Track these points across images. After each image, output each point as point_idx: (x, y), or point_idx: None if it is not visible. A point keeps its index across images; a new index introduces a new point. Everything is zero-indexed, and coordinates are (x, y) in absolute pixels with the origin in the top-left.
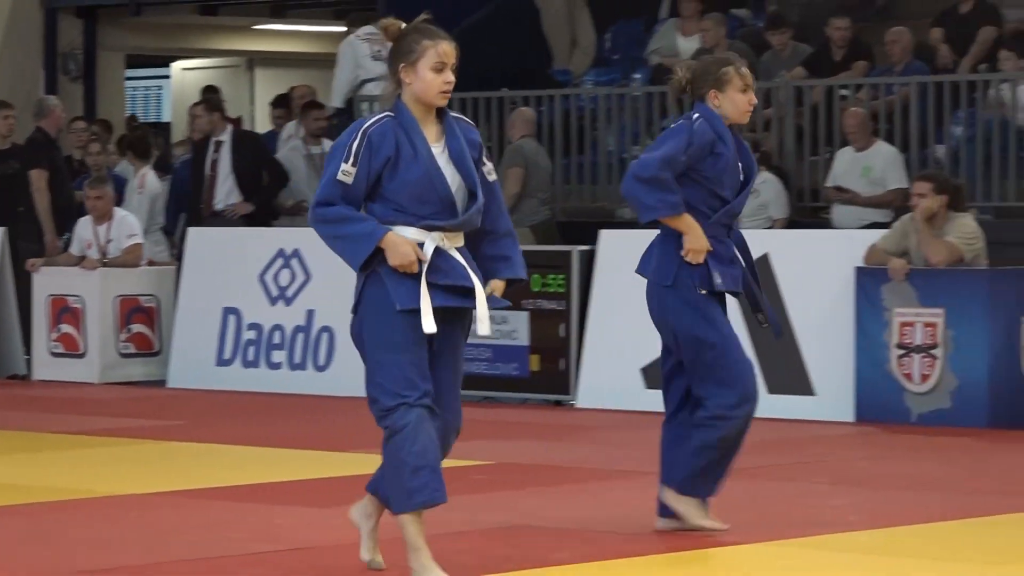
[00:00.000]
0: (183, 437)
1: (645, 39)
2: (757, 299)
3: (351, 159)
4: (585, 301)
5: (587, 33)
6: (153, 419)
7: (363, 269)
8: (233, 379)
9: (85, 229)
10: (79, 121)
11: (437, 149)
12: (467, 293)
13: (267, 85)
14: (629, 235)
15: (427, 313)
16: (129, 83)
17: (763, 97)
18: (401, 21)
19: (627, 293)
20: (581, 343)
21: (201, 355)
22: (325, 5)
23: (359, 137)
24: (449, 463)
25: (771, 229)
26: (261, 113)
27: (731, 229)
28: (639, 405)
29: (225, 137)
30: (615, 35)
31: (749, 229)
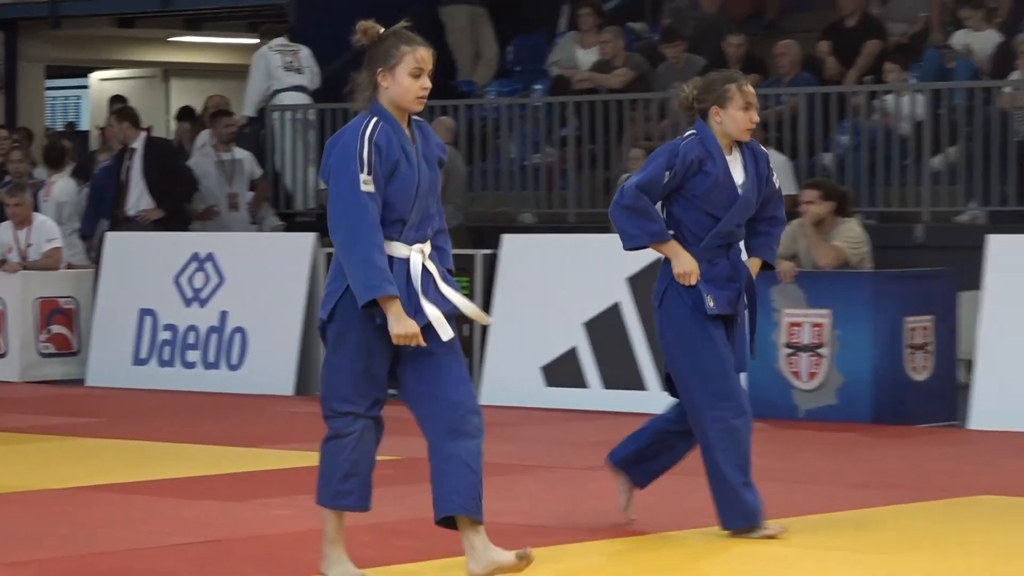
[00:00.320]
0: (101, 434)
1: (545, 52)
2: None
3: (366, 168)
4: (488, 302)
5: (490, 46)
6: (72, 417)
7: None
8: (149, 378)
9: (5, 234)
10: (1, 130)
11: (415, 151)
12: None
13: (182, 95)
14: (531, 239)
15: (441, 322)
16: (49, 93)
17: (658, 107)
18: (380, 25)
19: (529, 295)
20: (484, 343)
21: (118, 355)
22: (238, 18)
23: (366, 145)
24: None
25: None
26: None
27: (730, 247)
28: (540, 402)
29: (137, 145)
30: (517, 48)
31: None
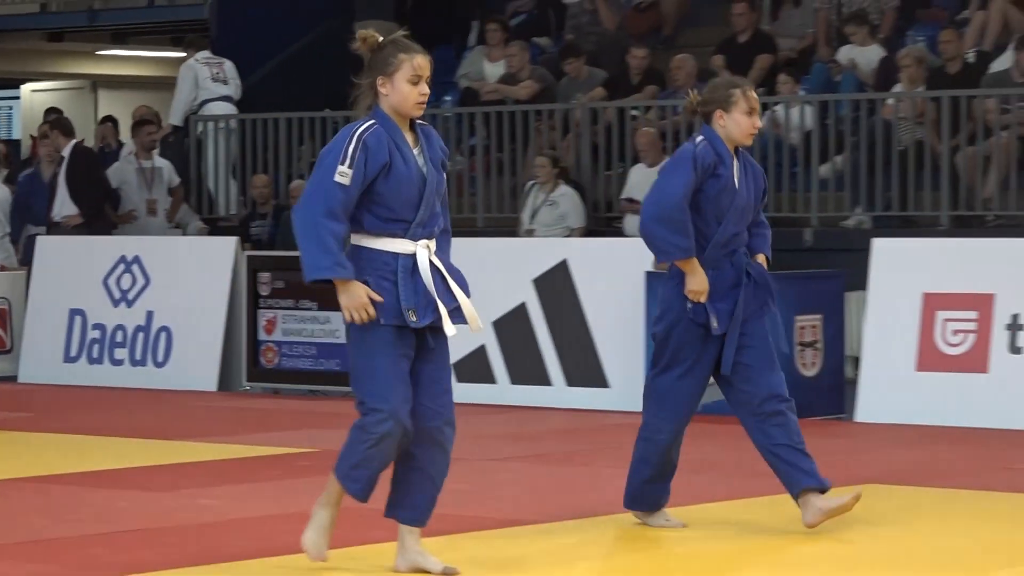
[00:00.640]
0: (31, 428)
1: (455, 64)
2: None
3: (347, 161)
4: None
5: None
6: (4, 411)
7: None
8: (79, 375)
9: None
10: None
11: (416, 153)
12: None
13: (109, 105)
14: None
15: (447, 322)
16: None
17: (562, 117)
18: (378, 34)
19: None
20: None
21: (50, 353)
22: (162, 32)
23: (354, 141)
24: (277, 451)
25: (570, 237)
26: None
27: (734, 253)
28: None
29: (65, 153)
30: None
31: (548, 238)
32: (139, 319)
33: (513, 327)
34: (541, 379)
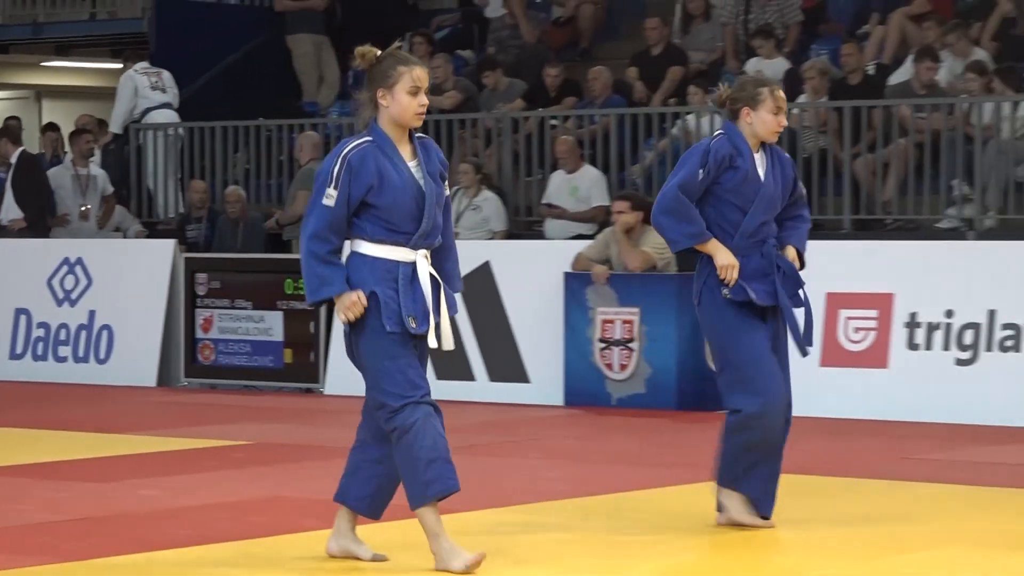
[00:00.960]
0: None
1: None
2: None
3: (333, 182)
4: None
5: (332, 71)
6: None
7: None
8: (24, 371)
9: None
10: None
11: (413, 167)
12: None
13: (53, 114)
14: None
15: (443, 332)
16: None
17: (484, 126)
18: (376, 49)
19: None
20: (328, 338)
21: None
22: (103, 44)
23: (339, 163)
24: (214, 443)
25: (492, 240)
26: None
27: (763, 243)
28: None
29: (13, 160)
30: (357, 72)
31: (472, 240)
32: (82, 318)
33: None
34: (465, 374)
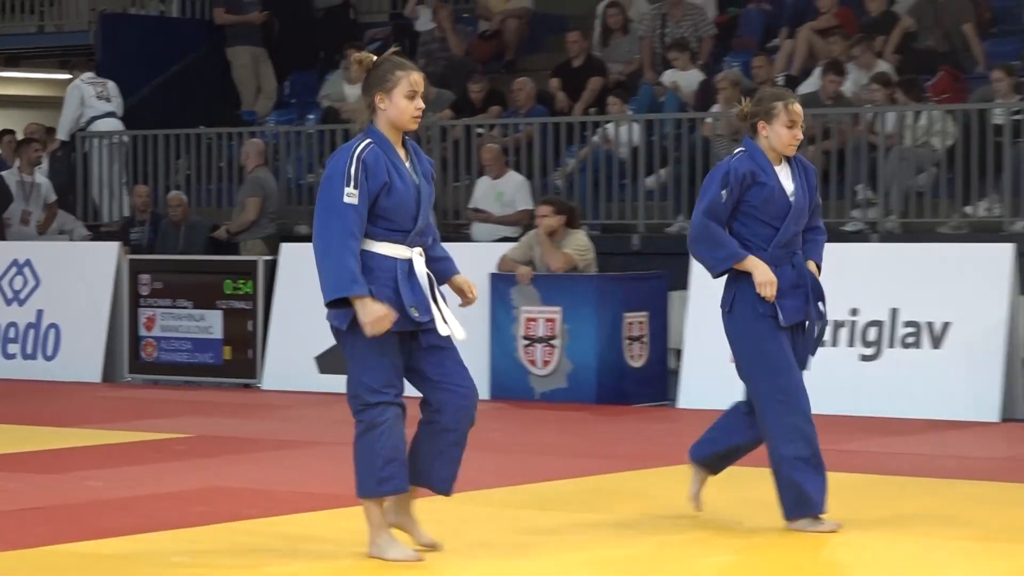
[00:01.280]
0: None
1: (317, 86)
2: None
3: (351, 182)
4: (269, 301)
5: (270, 81)
6: None
7: (330, 305)
8: None
9: None
10: None
11: (408, 168)
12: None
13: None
14: (305, 247)
15: (444, 320)
16: None
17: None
18: (372, 54)
19: (304, 295)
20: (266, 336)
21: None
22: (51, 56)
23: (354, 162)
24: (156, 436)
25: None
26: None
27: (793, 255)
28: (313, 387)
29: None
30: (293, 83)
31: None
32: (30, 317)
33: None
34: None
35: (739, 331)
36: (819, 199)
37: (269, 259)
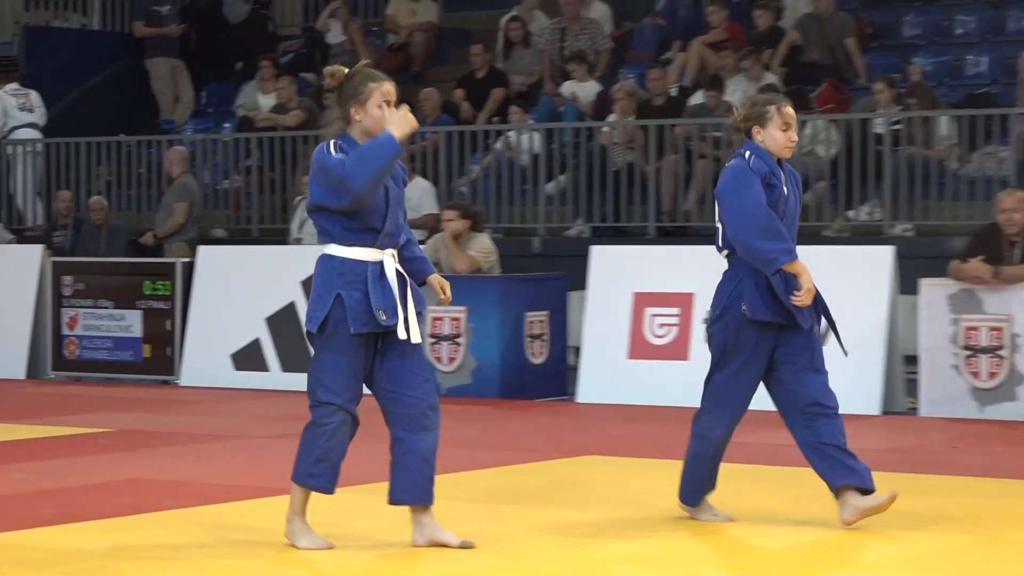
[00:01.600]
0: None
1: (233, 96)
2: (831, 323)
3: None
4: (187, 301)
5: (187, 91)
6: None
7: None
8: None
9: None
10: None
11: None
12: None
13: None
14: (221, 250)
15: (408, 324)
16: None
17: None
18: (344, 67)
19: (220, 295)
20: (183, 335)
21: None
22: None
23: (333, 152)
24: (79, 430)
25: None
26: None
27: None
28: (229, 384)
29: None
30: (209, 93)
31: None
32: None
33: (284, 322)
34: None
35: (724, 334)
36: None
37: (187, 261)
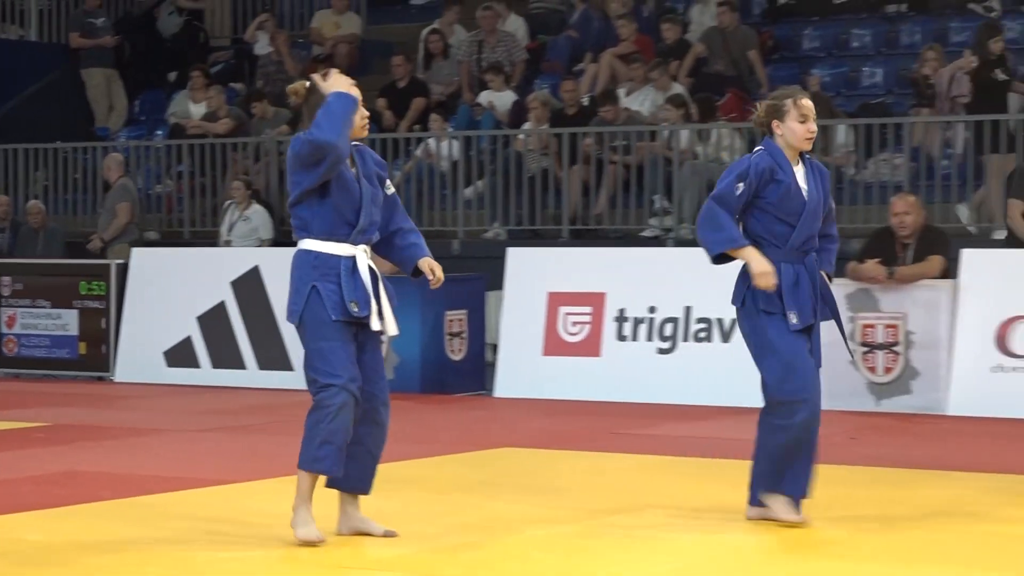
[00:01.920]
0: None
1: (165, 104)
2: (840, 325)
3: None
4: (121, 301)
5: (121, 100)
6: None
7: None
8: None
9: None
10: None
11: (352, 172)
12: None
13: None
14: (154, 251)
15: (386, 317)
16: None
17: (254, 149)
18: (305, 82)
19: (154, 295)
20: (118, 333)
21: None
22: None
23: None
24: (18, 425)
25: (260, 247)
26: None
27: (806, 255)
28: (162, 380)
29: None
30: (142, 101)
31: (243, 247)
32: None
33: (215, 321)
34: (237, 364)
35: (750, 324)
36: (833, 203)
37: (120, 263)
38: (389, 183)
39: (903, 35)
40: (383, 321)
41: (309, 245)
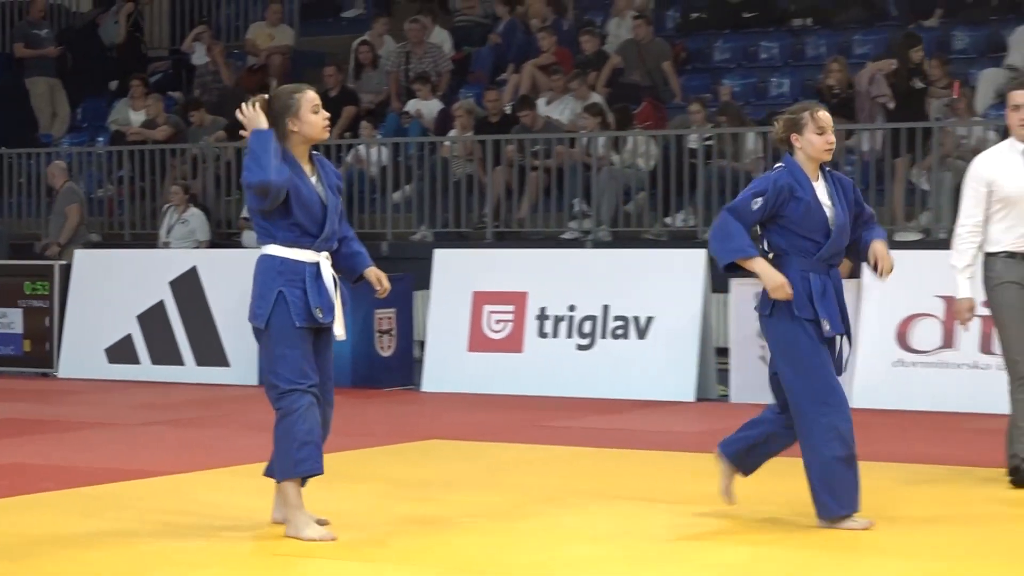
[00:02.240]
0: None
1: (106, 112)
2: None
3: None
4: (64, 300)
5: (64, 108)
6: None
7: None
8: None
9: None
10: None
11: (314, 181)
12: (330, 309)
13: None
14: (96, 253)
15: (339, 322)
16: None
17: (191, 155)
18: (263, 95)
19: (96, 294)
20: (61, 331)
21: None
22: None
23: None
24: None
25: (198, 249)
26: None
27: (832, 267)
28: (103, 375)
29: None
30: (85, 109)
31: (181, 249)
32: None
33: (154, 319)
34: (176, 360)
35: (777, 333)
36: (870, 209)
37: (63, 263)
38: (341, 195)
39: (808, 47)
40: (342, 327)
41: (273, 250)
